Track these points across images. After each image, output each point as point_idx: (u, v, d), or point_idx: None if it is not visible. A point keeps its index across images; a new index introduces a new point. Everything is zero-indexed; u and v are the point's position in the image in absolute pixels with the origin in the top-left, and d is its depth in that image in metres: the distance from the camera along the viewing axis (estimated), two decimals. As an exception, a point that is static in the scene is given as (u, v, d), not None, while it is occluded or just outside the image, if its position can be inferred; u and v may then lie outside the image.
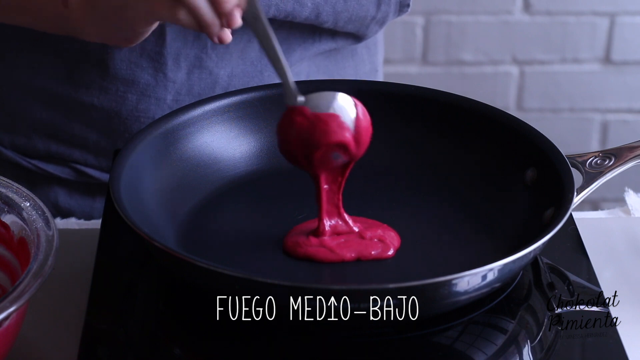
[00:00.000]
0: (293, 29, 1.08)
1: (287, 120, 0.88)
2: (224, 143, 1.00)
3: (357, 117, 0.87)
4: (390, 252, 0.89)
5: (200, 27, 0.86)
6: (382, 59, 1.23)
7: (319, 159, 0.88)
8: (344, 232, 0.90)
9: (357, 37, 1.13)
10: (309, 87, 1.03)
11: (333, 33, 1.11)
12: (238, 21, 0.86)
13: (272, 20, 1.05)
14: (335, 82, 1.06)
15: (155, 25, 0.91)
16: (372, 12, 1.09)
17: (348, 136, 0.87)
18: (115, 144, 1.10)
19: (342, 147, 0.87)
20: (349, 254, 0.89)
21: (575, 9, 1.97)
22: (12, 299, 0.77)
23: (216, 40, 0.87)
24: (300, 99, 0.87)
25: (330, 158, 0.88)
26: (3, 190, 0.87)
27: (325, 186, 0.90)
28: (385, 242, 0.90)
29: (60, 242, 0.82)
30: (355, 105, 0.88)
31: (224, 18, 0.85)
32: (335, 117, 0.87)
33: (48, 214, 0.85)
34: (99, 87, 1.07)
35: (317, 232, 0.90)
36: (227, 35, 0.88)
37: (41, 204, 0.86)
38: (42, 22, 0.97)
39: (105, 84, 1.07)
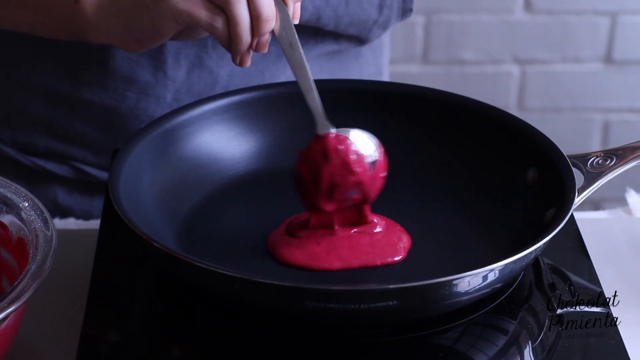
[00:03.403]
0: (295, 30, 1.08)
1: (317, 146, 0.87)
2: (224, 143, 0.99)
3: (379, 159, 0.88)
4: (398, 259, 0.89)
5: (230, 41, 0.85)
6: (387, 61, 1.23)
7: (339, 189, 0.88)
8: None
9: (360, 40, 1.13)
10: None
11: (336, 35, 1.11)
12: (266, 48, 0.86)
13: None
14: (335, 81, 1.06)
15: (178, 29, 0.88)
16: (374, 16, 1.09)
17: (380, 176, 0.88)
18: (115, 142, 1.09)
19: (362, 185, 0.88)
20: (337, 263, 0.88)
21: (576, 8, 1.97)
22: (11, 299, 0.76)
23: (238, 61, 0.87)
24: (332, 129, 0.87)
25: (345, 193, 0.88)
26: (2, 190, 0.87)
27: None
28: (395, 247, 0.90)
29: (59, 242, 0.82)
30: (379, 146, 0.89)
31: (257, 39, 0.85)
32: (365, 156, 0.87)
33: (47, 214, 0.85)
34: (98, 84, 1.07)
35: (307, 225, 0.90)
36: (249, 59, 0.87)
37: (40, 204, 0.85)
38: (50, 22, 0.96)
39: (105, 82, 1.07)
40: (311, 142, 0.88)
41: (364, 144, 0.88)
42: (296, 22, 0.88)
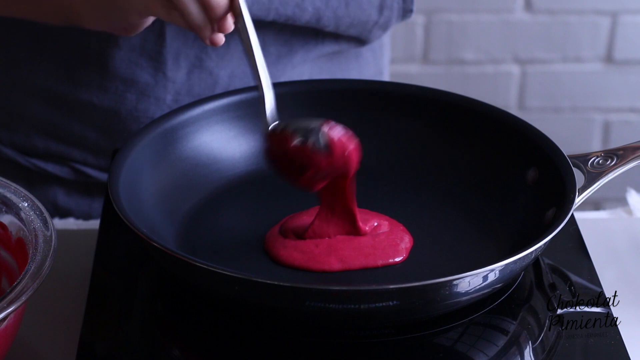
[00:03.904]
0: (295, 31, 1.08)
1: (270, 145, 0.89)
2: (224, 143, 0.99)
3: (330, 137, 0.87)
4: (399, 259, 0.89)
5: (191, 30, 0.88)
6: (388, 62, 1.23)
7: (307, 181, 0.88)
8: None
9: (360, 41, 1.12)
10: (310, 86, 1.03)
11: (336, 36, 1.10)
12: (229, 27, 0.88)
13: (273, 24, 1.05)
14: (335, 81, 1.06)
15: (152, 19, 0.92)
16: (375, 17, 1.09)
17: (321, 160, 0.87)
18: (115, 144, 1.09)
19: (319, 170, 0.87)
20: (337, 264, 0.88)
21: (576, 8, 1.97)
22: (10, 299, 0.76)
23: (208, 42, 0.89)
24: (274, 124, 0.88)
25: (319, 178, 0.88)
26: (1, 190, 0.87)
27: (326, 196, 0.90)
28: (397, 248, 0.89)
29: (59, 242, 0.82)
30: (324, 126, 0.87)
31: (215, 23, 0.87)
32: (305, 148, 0.87)
33: (46, 214, 0.84)
34: (98, 86, 1.07)
35: (305, 233, 0.90)
36: (220, 38, 0.89)
37: (39, 204, 0.85)
38: (45, 8, 0.96)
39: (105, 83, 1.07)
40: (264, 141, 0.89)
41: (304, 132, 0.87)
42: None
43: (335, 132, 0.87)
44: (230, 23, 0.87)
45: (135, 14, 0.90)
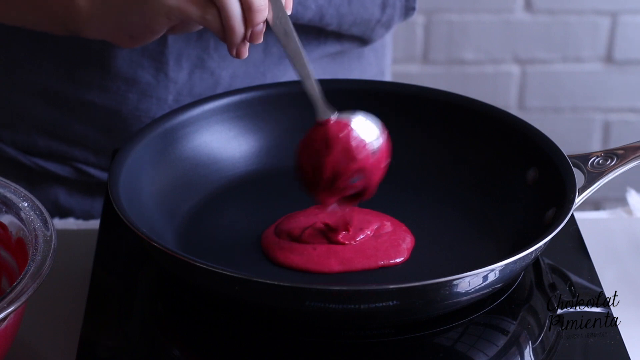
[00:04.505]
0: (298, 30, 1.07)
1: (318, 134, 0.86)
2: (224, 143, 0.99)
3: (382, 145, 0.87)
4: (400, 260, 0.89)
5: (224, 33, 0.85)
6: (389, 63, 1.23)
7: (342, 178, 0.86)
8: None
9: (363, 40, 1.12)
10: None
11: (339, 36, 1.10)
12: (261, 36, 0.86)
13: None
14: (335, 81, 1.06)
15: (170, 25, 0.89)
16: (377, 15, 1.09)
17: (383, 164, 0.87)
18: (116, 143, 1.09)
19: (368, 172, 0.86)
20: (337, 266, 0.88)
21: (576, 8, 1.97)
22: (10, 299, 0.76)
23: (234, 53, 0.87)
24: (333, 115, 0.86)
25: (348, 181, 0.87)
26: (1, 190, 0.87)
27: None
28: (398, 249, 0.89)
29: (59, 242, 0.82)
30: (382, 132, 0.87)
31: (250, 29, 0.85)
32: (376, 142, 0.86)
33: (46, 214, 0.84)
34: (99, 85, 1.07)
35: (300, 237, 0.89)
36: (246, 50, 0.87)
37: (39, 204, 0.85)
38: (45, 17, 0.95)
39: (106, 83, 1.07)
40: (311, 130, 0.87)
41: (366, 129, 0.87)
42: (289, 12, 0.88)
43: (387, 142, 0.87)
44: (262, 32, 0.86)
45: (162, 17, 0.86)
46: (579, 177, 0.90)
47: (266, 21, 0.87)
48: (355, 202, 0.89)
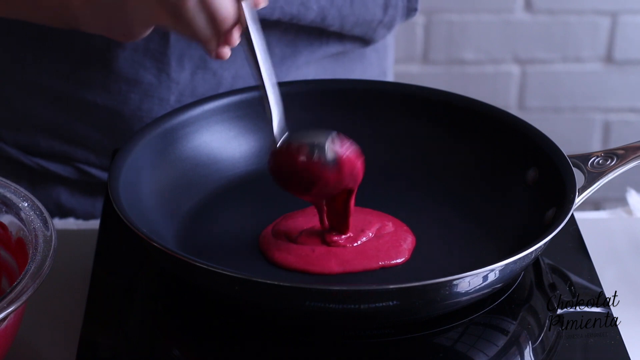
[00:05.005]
0: (300, 31, 1.08)
1: (276, 162, 0.88)
2: (224, 143, 0.99)
3: (338, 154, 0.86)
4: (400, 260, 0.89)
5: (197, 42, 0.86)
6: (392, 63, 1.22)
7: (313, 196, 0.88)
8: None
9: (365, 41, 1.12)
10: (310, 86, 1.03)
11: (340, 36, 1.10)
12: (236, 40, 0.86)
13: (278, 23, 1.05)
14: (336, 81, 1.06)
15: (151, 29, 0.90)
16: (379, 15, 1.09)
17: (329, 176, 0.86)
18: (118, 144, 1.09)
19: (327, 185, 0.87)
20: (336, 267, 0.88)
21: (576, 8, 1.97)
22: (10, 299, 0.76)
23: (214, 56, 0.87)
24: (283, 138, 0.87)
25: (325, 193, 0.87)
26: (1, 190, 0.87)
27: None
28: (399, 249, 0.89)
29: (59, 242, 0.82)
30: (335, 141, 0.87)
31: (221, 37, 0.85)
32: (316, 163, 0.86)
33: (46, 214, 0.84)
34: (101, 86, 1.07)
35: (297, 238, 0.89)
36: (226, 52, 0.87)
37: (39, 204, 0.85)
38: (44, 10, 0.96)
39: (108, 84, 1.07)
40: (270, 156, 0.88)
41: (314, 146, 0.86)
42: (262, 5, 0.87)
43: (343, 147, 0.86)
44: (236, 37, 0.86)
45: (140, 24, 0.89)
46: (579, 177, 0.90)
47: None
48: (348, 198, 0.89)
